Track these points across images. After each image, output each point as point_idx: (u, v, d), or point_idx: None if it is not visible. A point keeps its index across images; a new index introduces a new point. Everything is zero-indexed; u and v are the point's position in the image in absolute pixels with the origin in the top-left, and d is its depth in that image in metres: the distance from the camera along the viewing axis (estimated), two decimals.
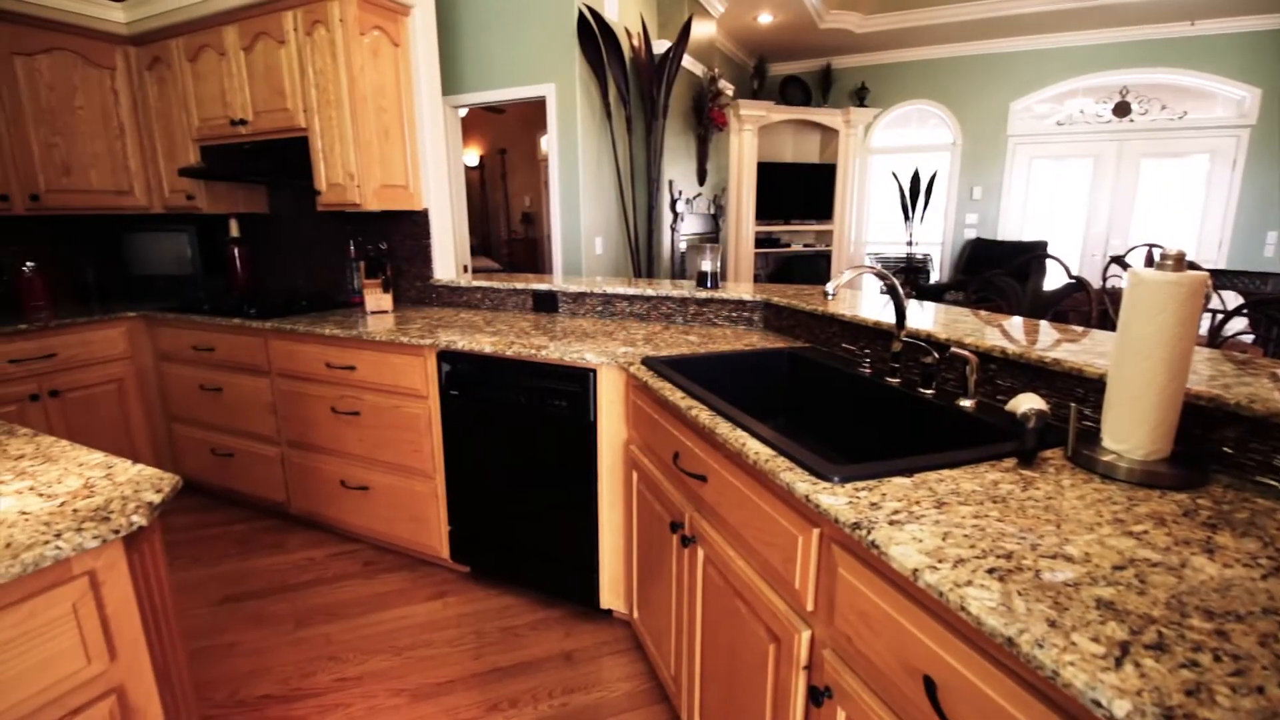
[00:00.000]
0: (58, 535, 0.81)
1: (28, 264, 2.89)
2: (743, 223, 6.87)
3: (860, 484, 0.94)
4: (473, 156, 7.83)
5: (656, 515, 1.61)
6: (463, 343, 2.06)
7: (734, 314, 2.31)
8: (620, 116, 4.25)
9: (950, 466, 1.00)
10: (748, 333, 2.18)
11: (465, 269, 4.16)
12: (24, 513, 0.87)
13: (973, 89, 6.71)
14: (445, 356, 2.12)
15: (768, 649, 1.09)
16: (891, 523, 0.82)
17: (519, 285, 2.70)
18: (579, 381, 1.88)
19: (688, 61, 5.05)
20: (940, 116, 6.96)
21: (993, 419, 1.22)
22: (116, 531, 0.84)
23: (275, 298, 2.93)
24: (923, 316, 1.70)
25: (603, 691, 1.78)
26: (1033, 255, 3.89)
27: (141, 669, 0.92)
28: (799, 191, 7.24)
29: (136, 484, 0.95)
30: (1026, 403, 1.05)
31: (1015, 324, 1.60)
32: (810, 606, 0.98)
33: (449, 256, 2.98)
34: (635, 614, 1.90)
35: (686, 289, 2.39)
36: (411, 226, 2.91)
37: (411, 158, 2.75)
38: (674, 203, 5.02)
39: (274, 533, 2.68)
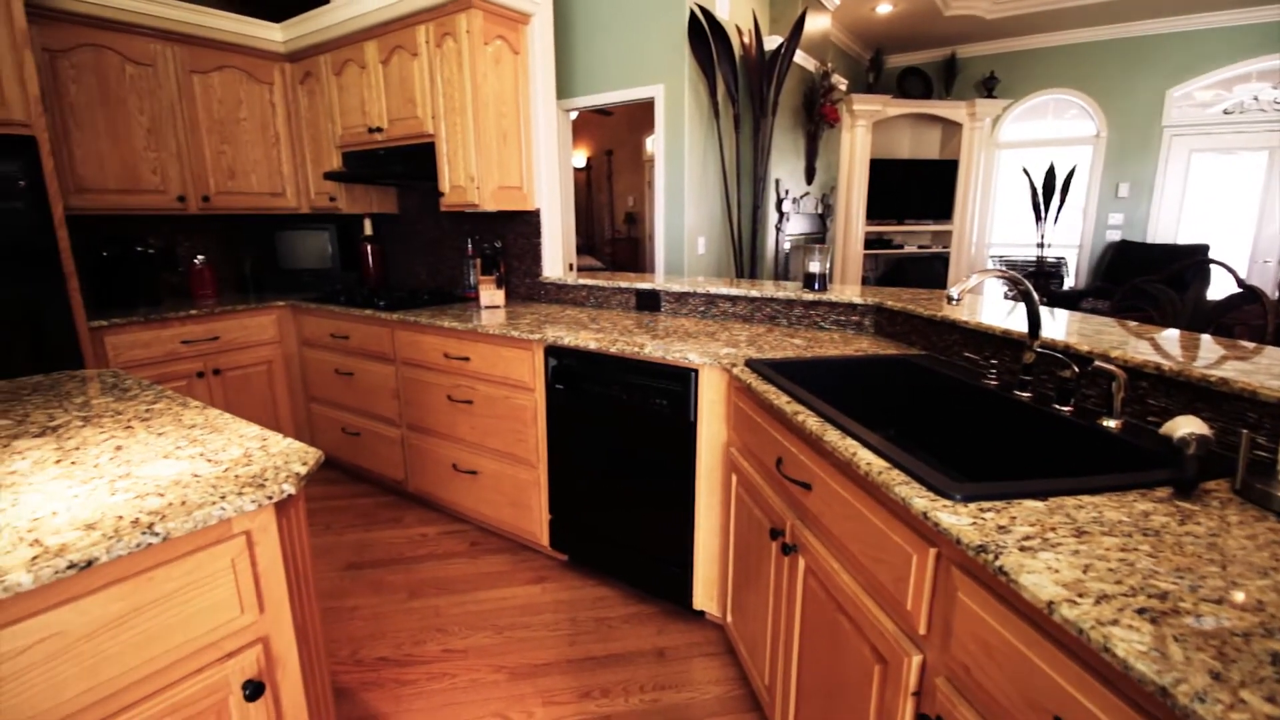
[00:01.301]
0: (222, 497, 0.92)
1: (199, 257, 3.30)
2: (852, 222, 6.60)
3: (986, 504, 0.88)
4: (580, 158, 8.06)
5: (755, 520, 1.59)
6: (569, 339, 2.12)
7: (842, 318, 2.22)
8: (728, 115, 4.21)
9: (1092, 492, 0.91)
10: (857, 338, 2.09)
11: (570, 267, 4.29)
12: (196, 475, 0.99)
13: (1121, 76, 6.06)
14: (552, 351, 2.20)
15: (872, 669, 1.05)
16: (1022, 549, 0.76)
17: (623, 284, 2.75)
18: (680, 381, 1.88)
19: (799, 57, 4.92)
20: (1081, 106, 6.34)
21: (1142, 443, 1.10)
22: (270, 497, 0.94)
23: (401, 291, 3.16)
24: (1058, 326, 1.56)
25: (693, 692, 1.78)
26: (1193, 261, 3.45)
27: (284, 623, 1.03)
28: (915, 189, 6.85)
29: (286, 456, 1.06)
30: (1185, 426, 0.94)
31: (1171, 337, 1.43)
32: (923, 630, 0.93)
33: (557, 255, 3.08)
34: (729, 618, 1.88)
35: (792, 291, 2.33)
36: (524, 226, 3.04)
37: (526, 160, 2.87)
38: (780, 202, 4.91)
39: (393, 508, 2.90)
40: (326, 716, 1.16)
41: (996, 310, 1.80)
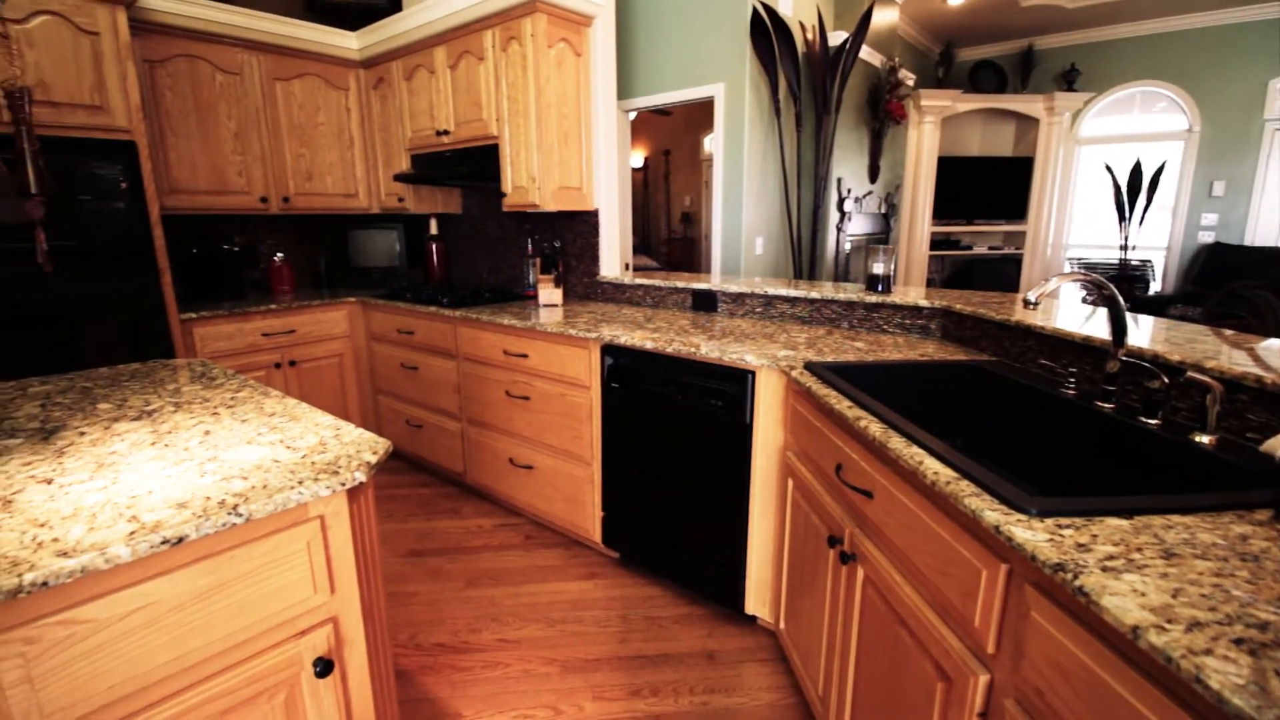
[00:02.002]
0: (300, 482, 0.97)
1: (278, 255, 3.49)
2: (917, 223, 6.38)
3: (1064, 520, 0.83)
4: (638, 158, 8.09)
5: (812, 527, 1.56)
6: (625, 338, 2.14)
7: (907, 321, 2.15)
8: (789, 113, 4.15)
9: (1183, 512, 0.85)
10: (922, 342, 2.02)
11: (626, 267, 4.31)
12: (276, 460, 1.05)
13: (1217, 66, 5.63)
14: (608, 350, 2.22)
15: (934, 687, 1.01)
16: (1105, 569, 0.72)
17: (679, 284, 2.74)
18: (737, 382, 1.86)
19: (864, 52, 4.79)
20: (1171, 99, 5.93)
21: (1240, 461, 1.02)
22: (343, 484, 0.99)
23: (463, 289, 3.25)
24: (1144, 333, 1.46)
25: (744, 697, 1.76)
26: None
27: (353, 604, 1.07)
28: (985, 188, 6.57)
29: (358, 445, 1.11)
30: None
31: (1273, 347, 1.32)
32: (991, 649, 0.89)
33: (615, 255, 3.10)
34: (782, 624, 1.85)
35: (854, 292, 2.27)
36: (583, 226, 3.07)
37: (586, 161, 2.90)
38: (841, 201, 4.80)
39: (452, 499, 2.99)
40: (389, 697, 1.21)
41: (1075, 315, 1.71)
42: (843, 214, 4.83)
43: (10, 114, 1.30)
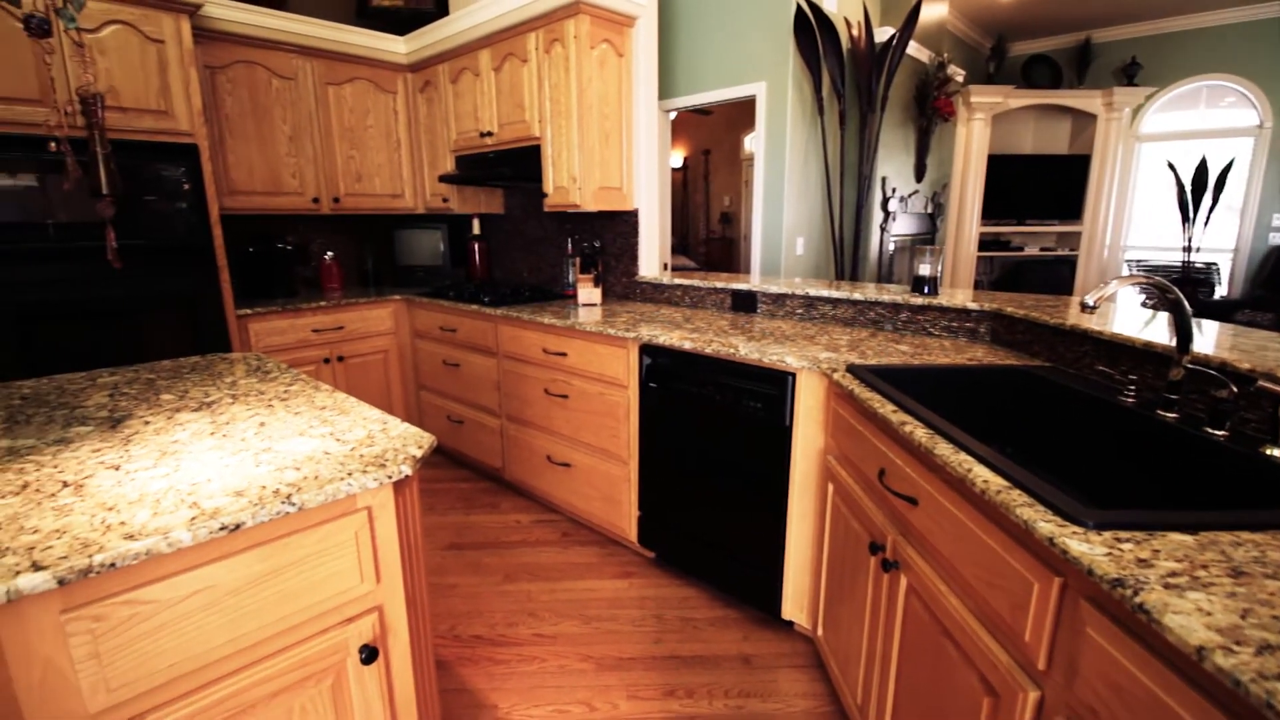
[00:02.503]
0: (349, 474, 0.99)
1: (328, 253, 3.60)
2: (965, 223, 6.21)
3: (1123, 534, 0.80)
4: (677, 158, 8.08)
5: (853, 533, 1.53)
6: (664, 338, 2.14)
7: (954, 324, 2.09)
8: (833, 111, 4.08)
9: (1253, 529, 0.80)
10: (970, 346, 1.96)
11: (665, 267, 4.31)
12: (327, 452, 1.08)
13: None
14: (646, 350, 2.22)
15: (981, 701, 0.98)
16: (1167, 586, 0.68)
17: (718, 284, 2.73)
18: (776, 384, 1.84)
19: (912, 48, 4.68)
20: (1241, 93, 5.62)
21: None
22: (390, 477, 1.02)
23: (504, 288, 3.30)
24: (1210, 339, 1.39)
25: (779, 704, 1.74)
26: None
27: (397, 594, 1.10)
28: (1038, 187, 6.34)
29: (404, 439, 1.14)
30: None
31: None
32: (1042, 665, 0.86)
33: (654, 255, 3.10)
34: (820, 631, 1.82)
35: (898, 294, 2.22)
36: (622, 225, 3.08)
37: (627, 161, 2.91)
38: (886, 201, 4.70)
39: (490, 494, 3.04)
40: (430, 685, 1.24)
41: (1134, 320, 1.63)
42: (887, 214, 4.73)
43: (84, 118, 1.38)
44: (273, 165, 3.15)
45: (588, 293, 2.91)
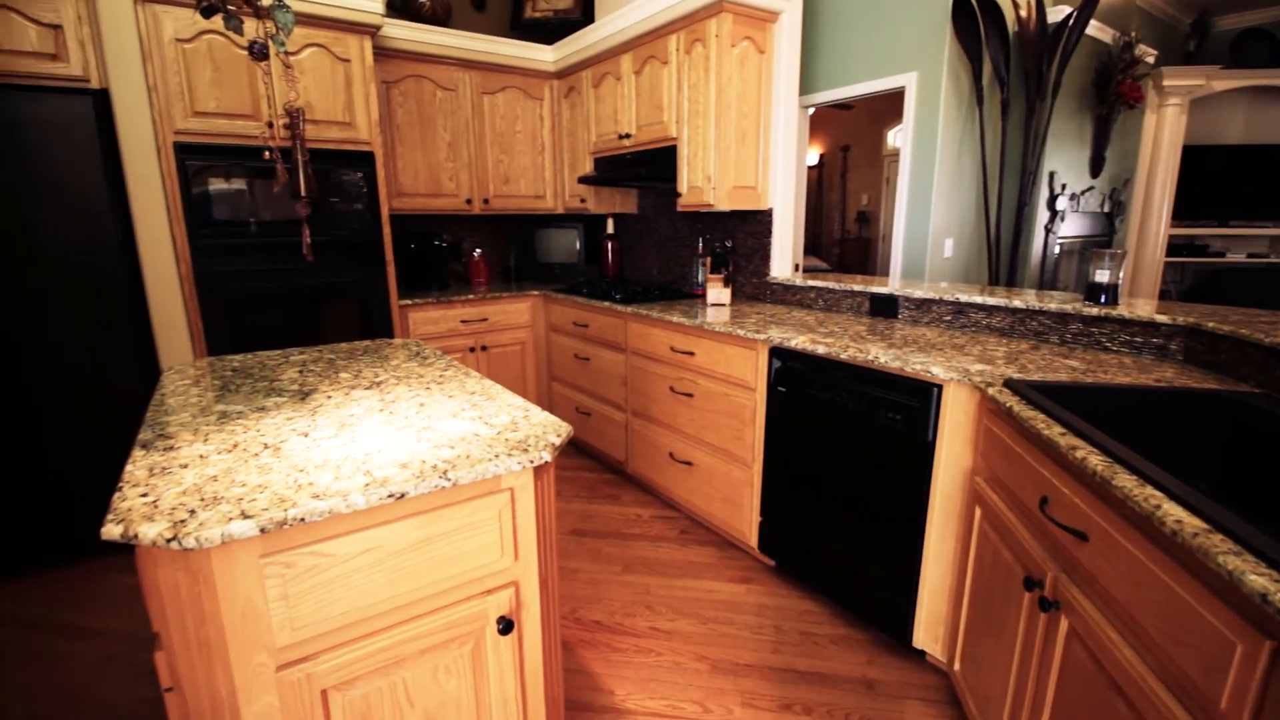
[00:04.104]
0: (496, 456, 1.06)
1: (476, 250, 3.88)
2: (1151, 223, 5.44)
3: None
4: (813, 154, 7.81)
5: (1004, 564, 1.39)
6: (796, 341, 2.07)
7: (1137, 339, 1.84)
8: (994, 101, 3.74)
9: None
10: (1157, 365, 1.72)
11: (796, 268, 4.19)
12: (476, 434, 1.17)
13: None
14: (777, 353, 2.17)
15: None
16: None
17: (856, 287, 2.60)
18: (919, 396, 1.72)
19: (1092, 28, 4.18)
20: None
21: None
22: (531, 462, 1.07)
23: (635, 286, 3.37)
24: None
25: None
26: None
27: (531, 572, 1.16)
28: (1249, 183, 5.41)
29: (545, 427, 1.20)
30: None
31: None
32: None
33: (787, 255, 3.03)
34: (956, 665, 1.68)
35: (1067, 302, 1.99)
36: (755, 225, 3.04)
37: (763, 160, 2.86)
38: (1053, 199, 4.23)
39: (612, 486, 3.13)
40: (555, 662, 1.30)
41: None
42: (1054, 213, 4.26)
43: (289, 130, 1.58)
44: (433, 169, 3.45)
45: (717, 293, 2.89)
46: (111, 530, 0.84)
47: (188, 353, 2.62)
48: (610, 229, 3.79)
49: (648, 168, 3.15)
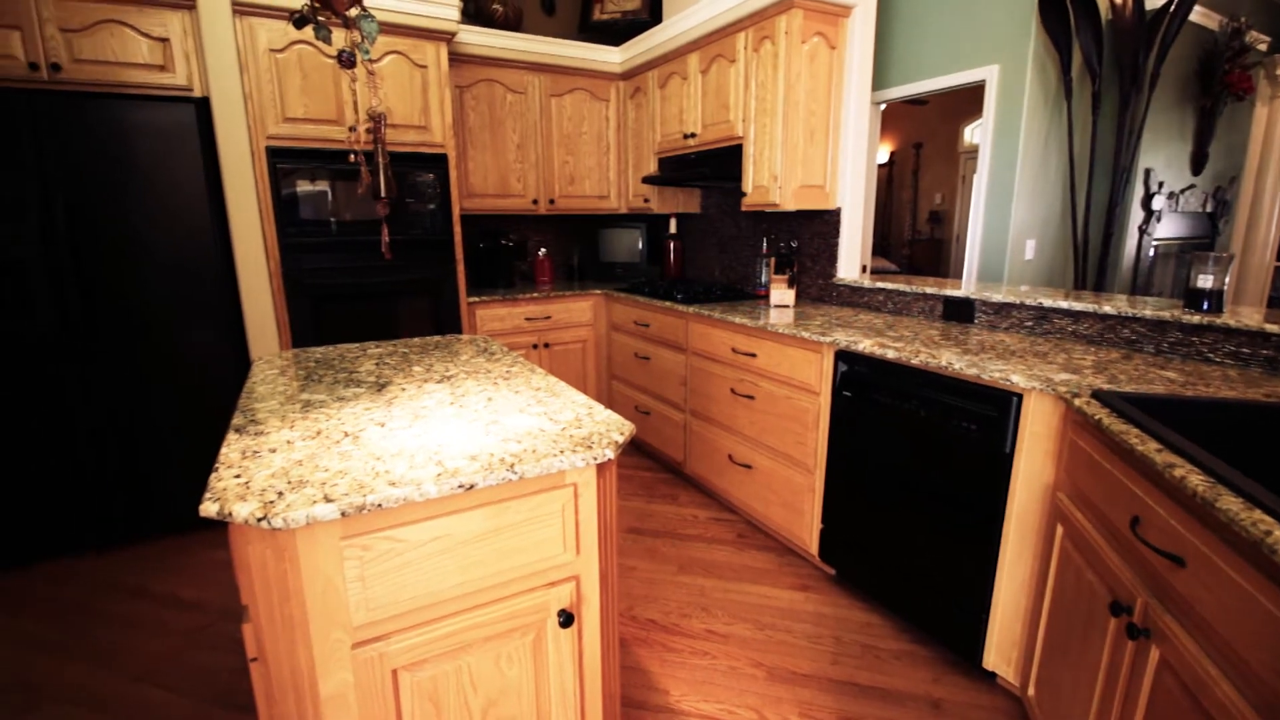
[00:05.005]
0: (560, 452, 1.08)
1: (541, 250, 3.96)
2: (1260, 225, 5.00)
3: None
4: (883, 152, 7.56)
5: (1087, 586, 1.31)
6: (864, 344, 2.02)
7: (1243, 350, 1.69)
8: (1083, 94, 3.53)
9: None
10: (1267, 379, 1.57)
11: (864, 269, 4.06)
12: (542, 430, 1.19)
13: None
14: (842, 356, 2.11)
15: None
16: None
17: (928, 289, 2.51)
18: (996, 405, 1.64)
19: (1196, 14, 3.87)
20: None
21: None
22: (595, 459, 1.09)
23: (696, 286, 3.36)
24: None
25: None
26: None
27: (592, 567, 1.18)
28: None
29: (608, 425, 1.21)
30: None
31: None
32: None
33: (854, 256, 2.94)
34: (1030, 690, 1.59)
35: (1164, 309, 1.86)
36: (822, 225, 2.97)
37: (832, 158, 2.79)
38: (1149, 198, 3.95)
39: (669, 486, 3.13)
40: (613, 658, 1.31)
41: None
42: (1149, 213, 3.97)
43: (371, 135, 1.66)
44: (502, 171, 3.54)
45: (781, 294, 2.85)
46: (209, 508, 0.91)
47: (274, 344, 2.79)
48: (673, 229, 3.79)
49: (712, 167, 3.13)
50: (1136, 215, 3.96)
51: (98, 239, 2.37)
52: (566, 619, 1.13)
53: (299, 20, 1.41)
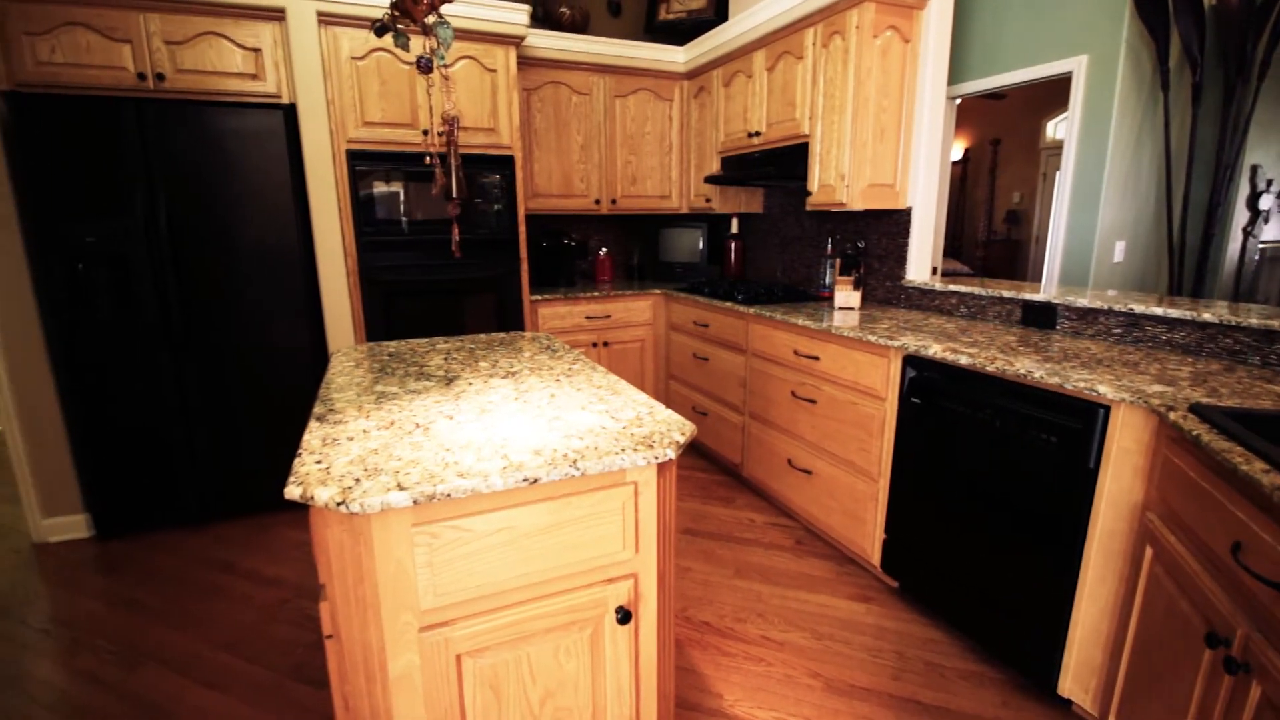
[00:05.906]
0: (622, 450, 1.09)
1: (602, 249, 4.00)
2: None
3: None
4: (957, 149, 7.26)
5: (1179, 614, 1.22)
6: (934, 349, 1.94)
7: None
8: (1182, 85, 3.28)
9: None
10: None
11: (934, 271, 3.91)
12: (604, 427, 1.20)
13: None
14: (911, 361, 2.04)
15: None
16: None
17: (1005, 293, 2.39)
18: (1080, 417, 1.55)
19: None
20: None
21: None
22: (656, 458, 1.09)
23: (757, 287, 3.32)
24: None
25: None
26: None
27: (650, 566, 1.18)
28: None
29: (669, 424, 1.21)
30: None
31: None
32: None
33: (925, 257, 2.84)
34: None
35: (1271, 317, 1.70)
36: (891, 225, 2.88)
37: (903, 156, 2.70)
38: (1256, 197, 3.64)
39: (726, 488, 3.10)
40: (668, 658, 1.31)
41: None
42: (1255, 213, 3.66)
43: (444, 137, 1.71)
44: (566, 171, 3.60)
45: (846, 295, 2.78)
46: (292, 491, 0.96)
47: (349, 336, 2.93)
48: (734, 229, 3.76)
49: (776, 166, 3.08)
50: (1241, 216, 3.65)
51: (194, 237, 2.55)
52: (624, 616, 1.14)
53: (380, 28, 1.48)
